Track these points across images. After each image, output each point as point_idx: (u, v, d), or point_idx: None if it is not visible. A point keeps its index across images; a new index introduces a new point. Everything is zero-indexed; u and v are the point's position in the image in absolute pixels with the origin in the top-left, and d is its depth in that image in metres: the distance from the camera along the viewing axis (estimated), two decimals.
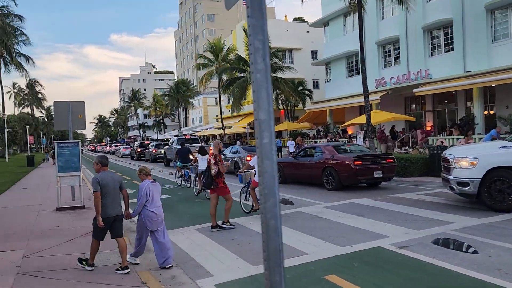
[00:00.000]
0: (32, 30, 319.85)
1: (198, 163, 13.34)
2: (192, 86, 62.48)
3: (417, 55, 24.18)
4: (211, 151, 8.60)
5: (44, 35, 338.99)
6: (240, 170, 10.65)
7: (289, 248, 6.67)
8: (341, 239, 7.00)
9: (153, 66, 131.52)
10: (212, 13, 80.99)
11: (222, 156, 21.48)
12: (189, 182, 15.53)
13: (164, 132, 74.76)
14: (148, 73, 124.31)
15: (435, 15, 22.64)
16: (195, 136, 34.59)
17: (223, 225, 8.32)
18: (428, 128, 24.32)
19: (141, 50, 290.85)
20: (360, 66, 29.11)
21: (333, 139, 24.26)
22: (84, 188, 12.53)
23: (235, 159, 19.72)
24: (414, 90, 22.47)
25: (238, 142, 35.89)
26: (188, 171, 15.69)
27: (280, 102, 37.69)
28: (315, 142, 30.20)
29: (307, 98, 37.63)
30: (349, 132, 31.31)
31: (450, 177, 8.91)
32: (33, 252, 6.91)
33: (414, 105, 27.20)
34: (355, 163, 12.00)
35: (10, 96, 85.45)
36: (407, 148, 20.30)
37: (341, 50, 30.26)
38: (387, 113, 22.88)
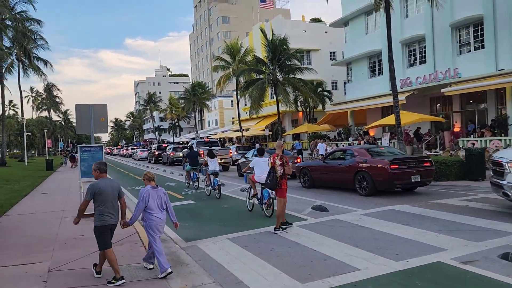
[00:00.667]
0: (48, 35, 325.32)
1: (208, 165, 14.11)
2: (207, 88, 62.25)
3: (444, 53, 23.28)
4: (274, 154, 8.47)
5: (60, 40, 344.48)
6: (243, 171, 11.83)
7: (337, 262, 6.06)
8: (392, 252, 6.34)
9: (168, 69, 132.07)
10: (227, 15, 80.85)
11: (244, 160, 21.01)
12: (197, 183, 16.41)
13: (180, 135, 74.73)
14: (163, 76, 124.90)
15: (464, 12, 21.74)
16: (214, 139, 34.14)
17: (275, 231, 8.09)
18: (456, 130, 23.37)
19: (155, 54, 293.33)
20: (383, 66, 28.51)
21: (368, 141, 22.98)
22: None
23: None
24: (442, 90, 21.57)
25: (257, 145, 35.32)
26: (197, 173, 16.56)
27: (299, 104, 37.02)
28: (336, 145, 29.45)
29: (327, 99, 36.89)
30: (371, 134, 30.45)
31: (504, 182, 8.17)
32: (59, 265, 6.43)
33: (440, 105, 26.22)
34: (392, 167, 11.28)
35: (28, 100, 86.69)
36: (437, 150, 19.42)
37: (362, 50, 29.49)
38: (415, 114, 22.01)
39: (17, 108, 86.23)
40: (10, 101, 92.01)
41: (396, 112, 17.22)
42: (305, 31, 41.59)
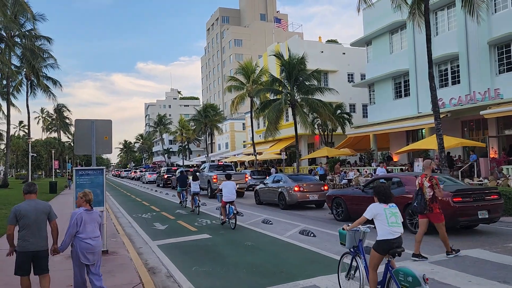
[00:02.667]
0: (63, 59, 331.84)
1: (190, 187, 16.63)
2: (219, 111, 60.98)
3: (481, 73, 21.41)
4: (423, 175, 7.77)
5: (74, 63, 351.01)
6: (215, 191, 13.86)
7: None
8: None
9: (179, 92, 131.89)
10: (239, 38, 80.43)
11: (263, 186, 18.96)
12: (185, 203, 18.98)
13: (190, 158, 73.09)
14: (174, 98, 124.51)
15: (504, 28, 19.97)
16: (228, 162, 32.27)
17: (414, 258, 7.59)
18: (492, 156, 21.19)
19: (166, 78, 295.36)
20: (409, 87, 26.71)
21: (438, 167, 16.80)
22: (108, 227, 10.16)
23: (280, 189, 17.14)
24: (482, 112, 19.54)
25: (273, 170, 33.35)
26: (185, 193, 19.21)
27: (316, 126, 35.12)
28: (358, 170, 27.38)
29: (346, 122, 35.02)
30: (395, 160, 28.38)
31: None
32: None
33: (474, 129, 24.13)
34: (455, 199, 9.23)
35: (38, 121, 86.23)
36: (481, 179, 17.28)
37: (387, 70, 27.77)
38: (452, 138, 19.97)
39: (26, 129, 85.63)
40: (20, 122, 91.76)
41: (438, 135, 15.25)
42: (322, 51, 40.15)
